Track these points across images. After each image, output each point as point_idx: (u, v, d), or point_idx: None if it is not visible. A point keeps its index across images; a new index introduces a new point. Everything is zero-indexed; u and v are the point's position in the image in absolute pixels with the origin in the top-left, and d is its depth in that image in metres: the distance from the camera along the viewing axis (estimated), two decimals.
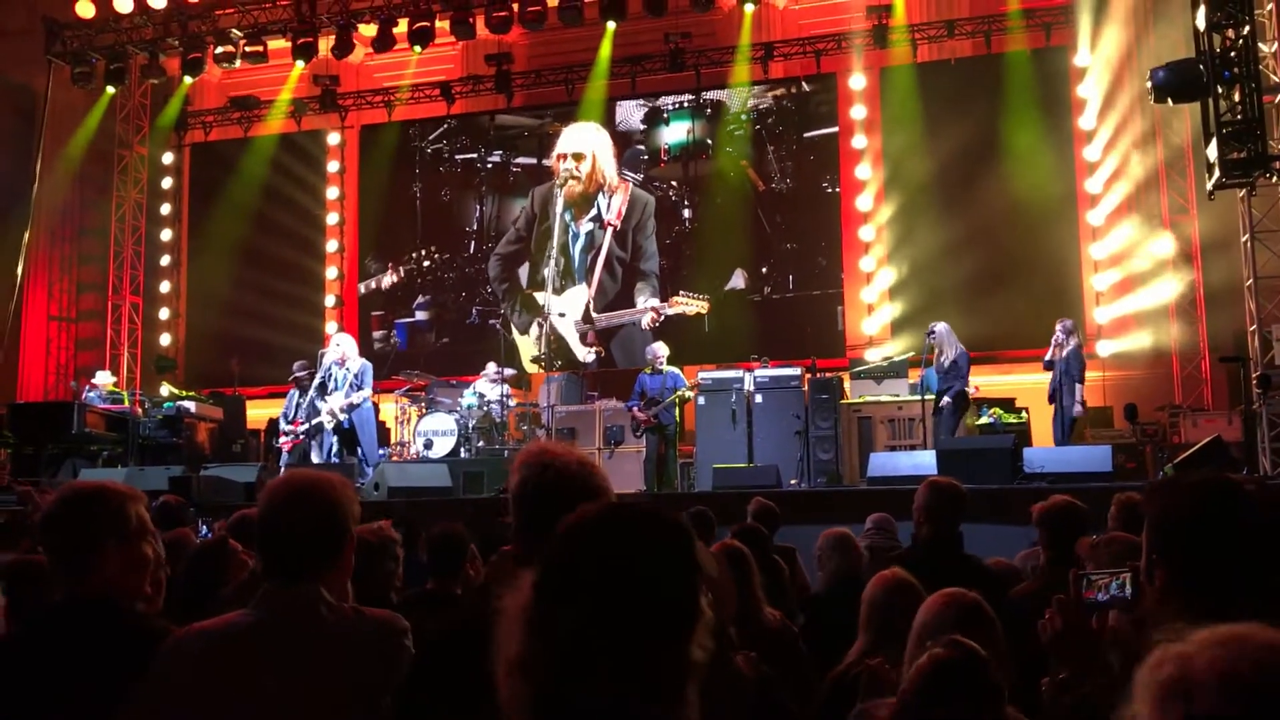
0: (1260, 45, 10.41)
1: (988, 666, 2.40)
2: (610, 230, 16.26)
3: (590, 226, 16.38)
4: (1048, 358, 11.29)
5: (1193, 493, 2.14)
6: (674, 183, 16.42)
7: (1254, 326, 11.38)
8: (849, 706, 3.01)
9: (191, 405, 14.01)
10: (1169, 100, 10.32)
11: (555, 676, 1.34)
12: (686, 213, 16.27)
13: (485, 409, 13.08)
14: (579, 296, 16.23)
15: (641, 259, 16.19)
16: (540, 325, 16.18)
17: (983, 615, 2.79)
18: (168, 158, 18.33)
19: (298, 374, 12.53)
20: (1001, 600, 3.99)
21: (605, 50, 15.83)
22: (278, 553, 2.29)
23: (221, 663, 2.18)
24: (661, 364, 12.52)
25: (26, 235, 15.61)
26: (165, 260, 18.26)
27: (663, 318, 15.58)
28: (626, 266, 16.21)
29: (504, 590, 1.48)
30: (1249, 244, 11.38)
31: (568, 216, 16.48)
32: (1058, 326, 11.36)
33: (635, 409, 12.37)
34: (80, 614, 2.34)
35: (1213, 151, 9.81)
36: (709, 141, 16.29)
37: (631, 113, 16.57)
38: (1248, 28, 9.93)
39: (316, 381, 11.92)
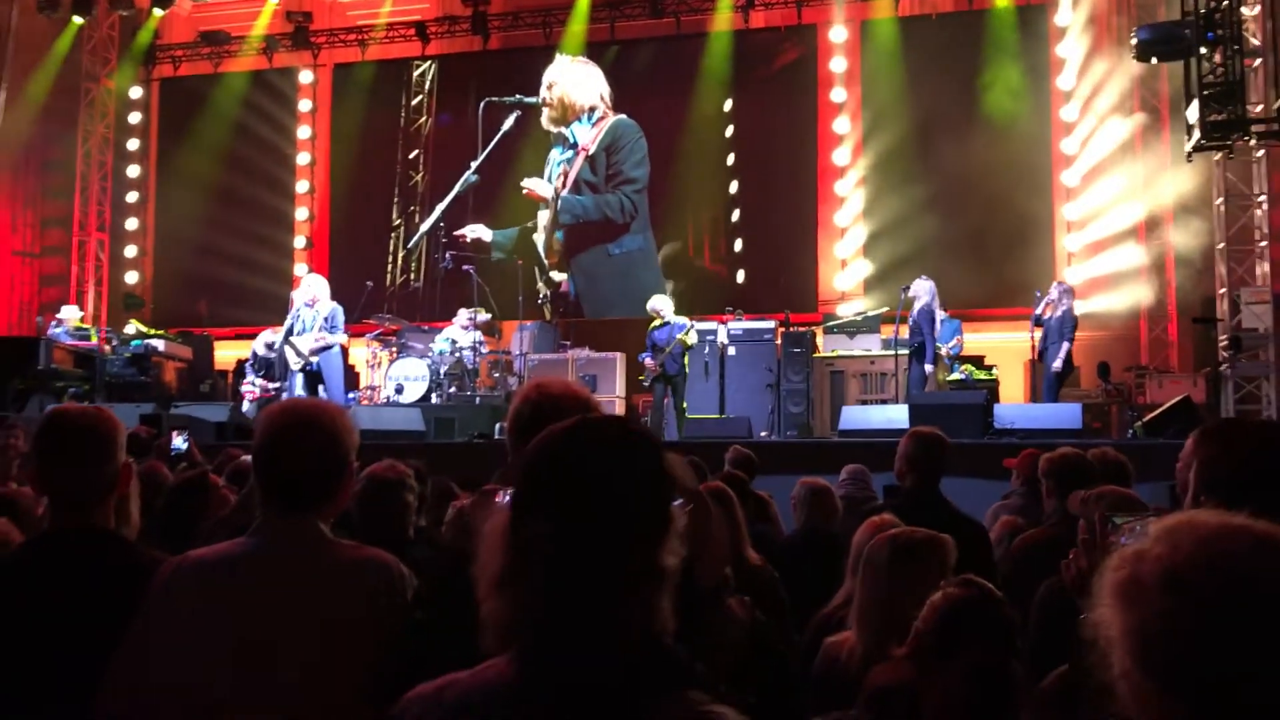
0: (1243, 9, 10.43)
1: (1002, 604, 2.44)
2: (582, 155, 16.13)
3: (568, 153, 16.25)
4: (1038, 313, 11.27)
5: (1246, 434, 2.16)
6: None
7: (1224, 290, 11.52)
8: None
9: (160, 344, 13.86)
10: (1152, 59, 10.35)
11: (532, 589, 1.37)
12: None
13: (457, 355, 13.01)
14: (546, 218, 16.16)
15: (617, 181, 16.07)
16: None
17: (922, 551, 2.86)
18: (136, 92, 17.98)
19: (262, 351, 12.57)
20: (978, 549, 4.05)
21: None
22: (277, 482, 2.24)
23: (219, 591, 2.15)
24: (665, 316, 12.31)
25: None
26: (133, 197, 17.97)
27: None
28: (599, 191, 16.08)
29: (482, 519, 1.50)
30: (1222, 207, 11.49)
31: (554, 145, 16.35)
32: (1053, 286, 11.39)
33: (646, 359, 12.29)
34: (72, 543, 2.31)
35: (1193, 113, 9.86)
36: (686, 87, 16.13)
37: (610, 54, 16.32)
38: None
39: (286, 324, 11.80)
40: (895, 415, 9.98)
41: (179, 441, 6.23)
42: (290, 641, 2.12)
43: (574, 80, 16.23)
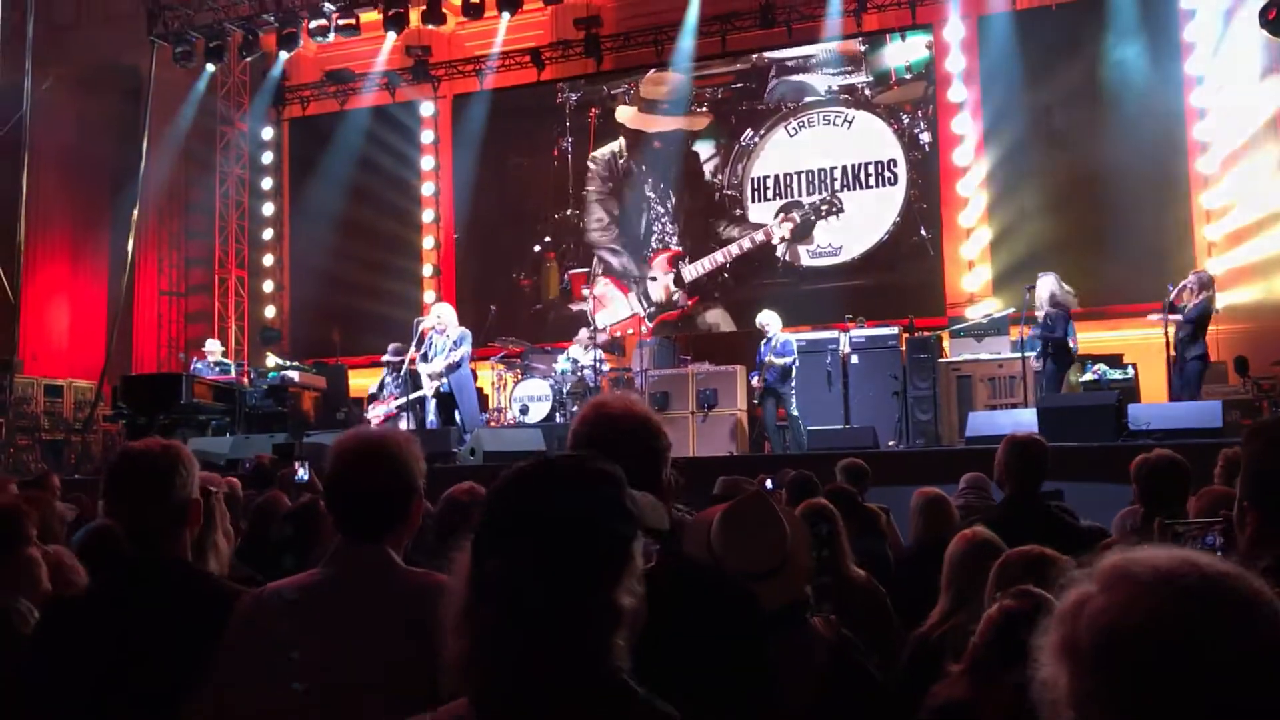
0: None
1: None
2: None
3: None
4: (1170, 300, 10.76)
5: None
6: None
7: None
8: (932, 668, 2.95)
9: (295, 375, 14.36)
10: None
11: (487, 627, 1.39)
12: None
13: (579, 374, 13.14)
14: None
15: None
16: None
17: (1051, 568, 2.72)
18: (267, 133, 18.73)
19: (390, 358, 12.84)
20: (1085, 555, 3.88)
21: (694, 9, 15.66)
22: (346, 511, 2.30)
23: (294, 622, 2.20)
24: (769, 331, 12.32)
25: (135, 213, 16.09)
26: (268, 234, 18.71)
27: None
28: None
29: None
30: None
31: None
32: (1192, 274, 10.92)
33: (753, 378, 12.31)
34: (142, 575, 2.39)
35: None
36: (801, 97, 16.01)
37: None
38: None
39: (416, 352, 12.12)
40: (1024, 419, 9.67)
41: (302, 472, 6.43)
42: (360, 671, 2.15)
43: None
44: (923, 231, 15.09)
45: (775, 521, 2.41)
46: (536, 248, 17.09)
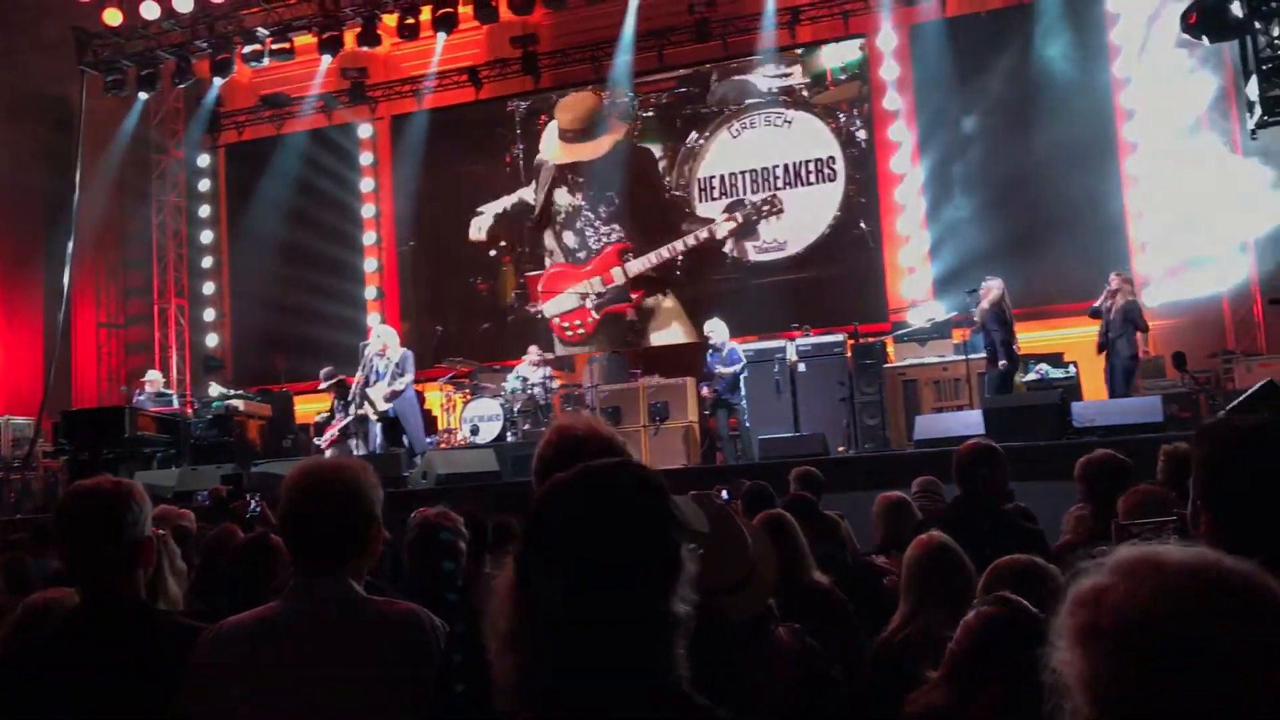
0: None
1: (1037, 621, 2.36)
2: None
3: None
4: (1096, 304, 11.05)
5: (1241, 434, 2.08)
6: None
7: None
8: (895, 673, 2.98)
9: (240, 403, 14.20)
10: (1204, 39, 10.08)
11: (542, 646, 1.36)
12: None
13: (529, 392, 13.11)
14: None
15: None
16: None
17: (1036, 575, 2.75)
18: (203, 160, 18.51)
19: (324, 385, 12.75)
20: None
21: (630, 24, 15.73)
22: (303, 544, 2.28)
23: (254, 657, 2.18)
24: (713, 340, 12.39)
25: (70, 245, 15.82)
26: (207, 262, 18.48)
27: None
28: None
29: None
30: None
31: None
32: (1112, 276, 11.16)
33: (704, 388, 12.36)
34: (98, 617, 2.35)
35: (1253, 89, 9.56)
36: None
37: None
38: None
39: (360, 376, 12.02)
40: (970, 421, 9.79)
41: (254, 505, 6.38)
42: (324, 703, 2.13)
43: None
44: (863, 224, 15.30)
45: (738, 535, 2.42)
46: (492, 252, 17.00)
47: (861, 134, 15.38)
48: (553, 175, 16.71)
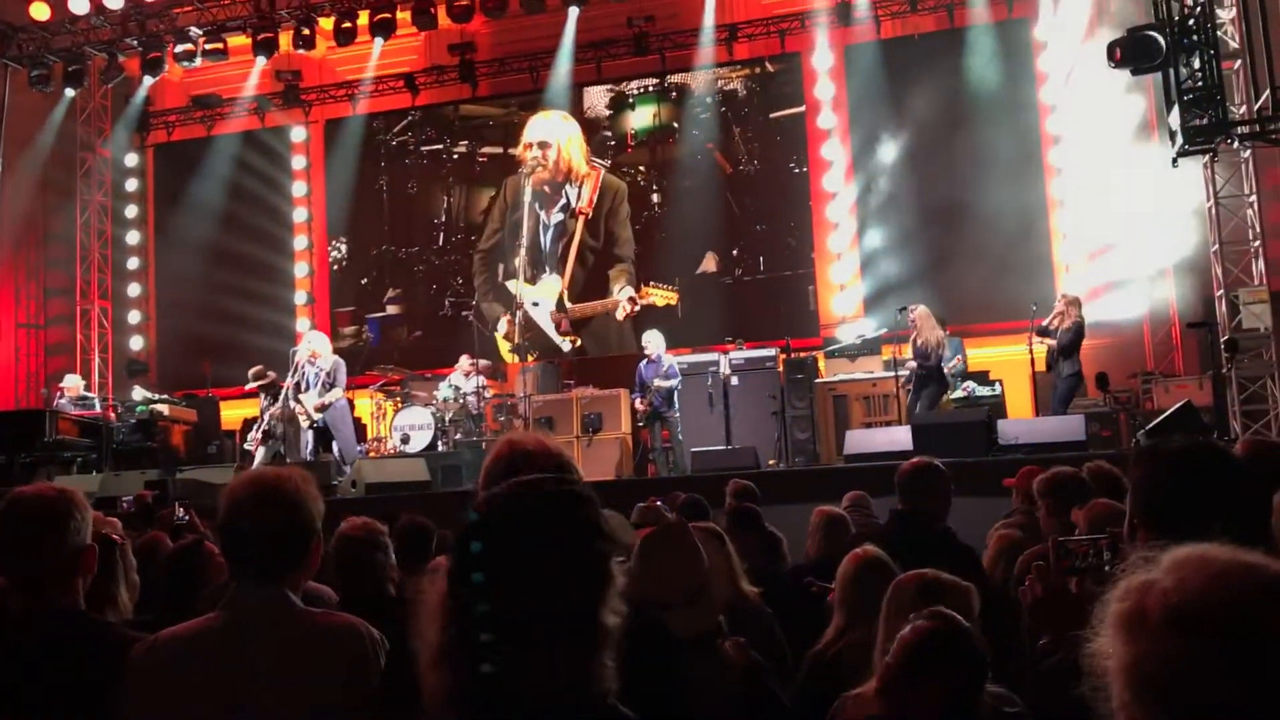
0: (1218, 11, 10.48)
1: (970, 636, 2.42)
2: (582, 219, 16.23)
3: (560, 216, 16.35)
4: (1045, 324, 11.27)
5: (1174, 456, 2.17)
6: (642, 168, 16.39)
7: (1220, 291, 11.50)
8: (827, 685, 3.02)
9: (165, 408, 13.93)
10: (1129, 70, 10.37)
11: (473, 658, 1.37)
12: (655, 197, 16.22)
13: (461, 401, 13.04)
14: (552, 286, 16.20)
15: (615, 245, 16.16)
16: (512, 316, 16.14)
17: (949, 590, 2.82)
18: (131, 159, 18.15)
19: (252, 384, 12.54)
20: (972, 575, 4.03)
21: (569, 36, 15.77)
22: (242, 554, 2.25)
23: (192, 668, 2.16)
24: (649, 351, 12.45)
25: None
26: (133, 263, 18.11)
27: (637, 308, 15.60)
28: (599, 254, 16.17)
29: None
30: (1213, 210, 11.50)
31: (538, 206, 16.45)
32: (1060, 298, 11.42)
33: (636, 399, 12.38)
34: (35, 628, 2.31)
35: (1175, 119, 9.87)
36: (675, 125, 16.26)
37: (598, 98, 16.53)
38: None
39: (290, 381, 11.85)
40: (899, 438, 9.96)
41: (181, 512, 6.27)
42: (262, 717, 2.12)
43: (572, 138, 16.38)
44: (790, 241, 15.59)
45: (693, 550, 2.46)
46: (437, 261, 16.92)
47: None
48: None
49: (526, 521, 1.43)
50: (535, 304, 16.15)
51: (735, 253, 15.78)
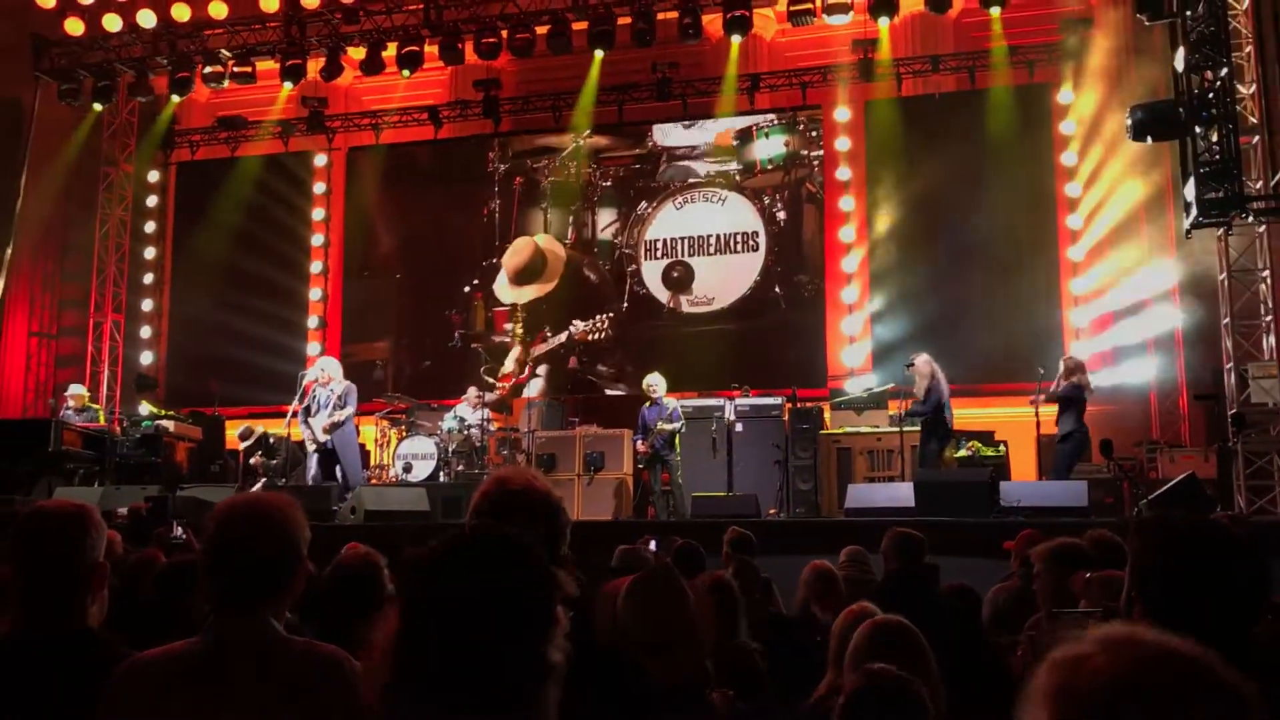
0: (1238, 86, 10.55)
1: (914, 687, 2.43)
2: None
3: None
4: (1053, 389, 11.26)
5: (1173, 533, 2.17)
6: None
7: (1230, 364, 11.47)
8: None
9: (170, 425, 13.95)
10: (1148, 139, 10.44)
11: (418, 695, 1.45)
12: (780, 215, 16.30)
13: (465, 433, 13.04)
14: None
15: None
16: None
17: (907, 639, 2.85)
18: (154, 176, 18.31)
19: (245, 443, 12.71)
20: (962, 631, 4.02)
21: (593, 78, 15.92)
22: (224, 580, 2.23)
23: (170, 692, 2.13)
24: (655, 394, 12.48)
25: (9, 251, 15.54)
26: (148, 278, 18.23)
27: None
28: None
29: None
30: (1226, 283, 11.50)
31: None
32: (1062, 360, 11.41)
33: (638, 442, 12.39)
34: (48, 647, 2.31)
35: (1190, 191, 9.91)
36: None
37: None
38: (1226, 69, 10.05)
39: (302, 405, 11.87)
40: (901, 494, 9.93)
41: (179, 530, 6.29)
42: None
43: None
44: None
45: (680, 595, 2.46)
46: (466, 289, 16.96)
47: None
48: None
49: (472, 572, 1.52)
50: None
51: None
